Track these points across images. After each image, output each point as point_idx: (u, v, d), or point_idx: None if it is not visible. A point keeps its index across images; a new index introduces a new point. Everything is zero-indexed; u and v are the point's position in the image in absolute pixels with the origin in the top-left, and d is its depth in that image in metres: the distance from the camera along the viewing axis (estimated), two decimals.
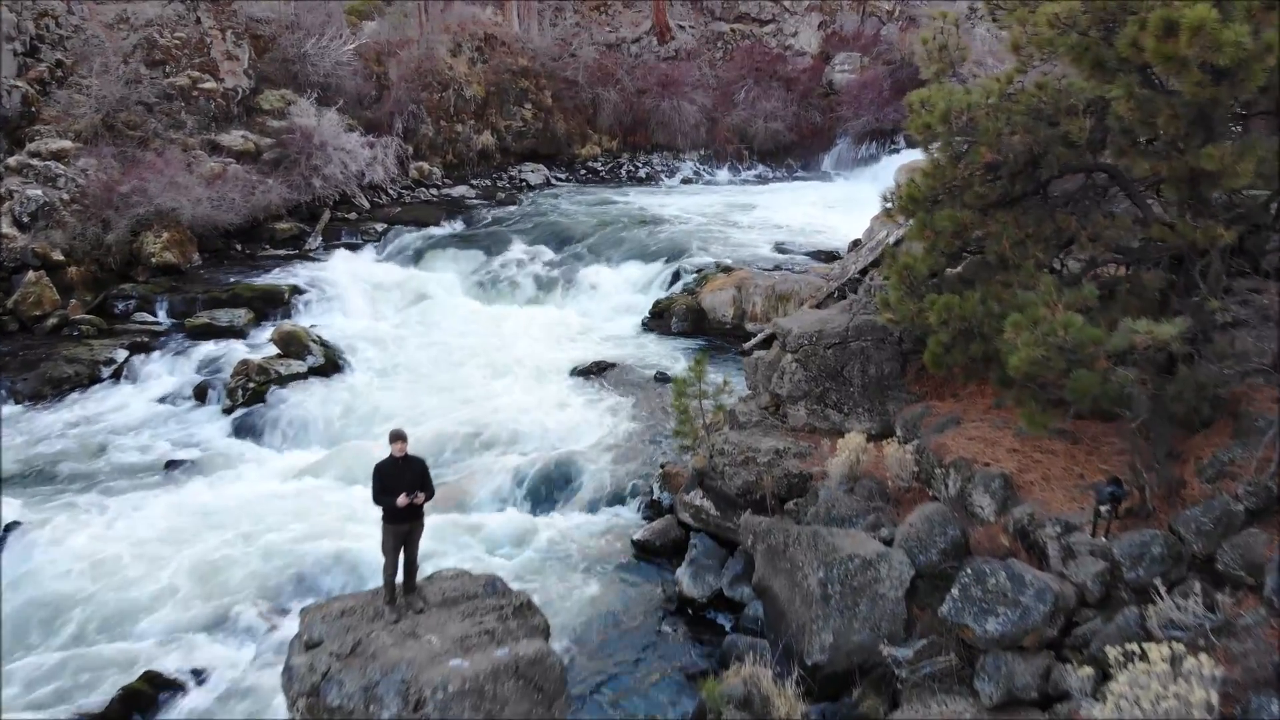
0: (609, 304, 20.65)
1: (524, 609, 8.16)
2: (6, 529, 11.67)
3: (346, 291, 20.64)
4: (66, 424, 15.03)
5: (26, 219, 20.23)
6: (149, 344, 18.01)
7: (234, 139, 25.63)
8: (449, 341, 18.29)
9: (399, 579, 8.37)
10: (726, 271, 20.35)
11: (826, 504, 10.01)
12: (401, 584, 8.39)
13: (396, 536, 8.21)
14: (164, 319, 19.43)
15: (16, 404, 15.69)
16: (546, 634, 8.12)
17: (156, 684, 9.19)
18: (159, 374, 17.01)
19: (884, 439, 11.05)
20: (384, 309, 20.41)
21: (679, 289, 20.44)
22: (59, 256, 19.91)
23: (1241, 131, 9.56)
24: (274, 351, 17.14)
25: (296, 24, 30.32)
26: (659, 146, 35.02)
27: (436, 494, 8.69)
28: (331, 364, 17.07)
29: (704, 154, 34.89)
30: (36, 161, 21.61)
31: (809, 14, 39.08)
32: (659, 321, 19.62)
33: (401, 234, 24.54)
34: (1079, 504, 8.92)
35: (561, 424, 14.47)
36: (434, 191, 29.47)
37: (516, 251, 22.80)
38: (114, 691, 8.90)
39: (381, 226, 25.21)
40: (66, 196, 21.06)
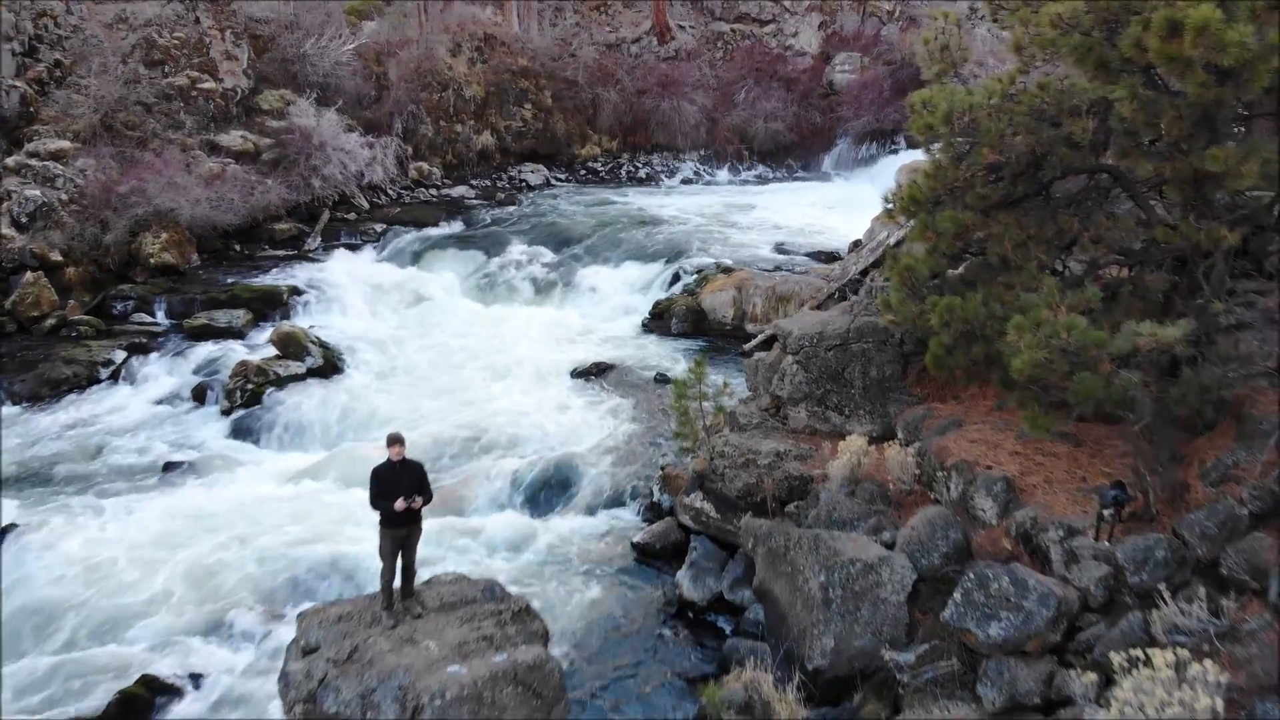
0: (609, 305, 20.59)
1: (523, 614, 8.09)
2: (3, 531, 11.59)
3: (345, 292, 20.58)
4: (64, 425, 14.97)
5: (25, 219, 20.17)
6: (147, 345, 17.96)
7: (233, 139, 25.57)
8: (448, 343, 18.24)
9: (397, 584, 8.31)
10: (727, 272, 20.28)
11: (827, 507, 9.95)
12: (399, 589, 8.33)
13: (394, 541, 8.15)
14: (162, 320, 19.37)
15: (14, 405, 15.64)
16: (545, 639, 8.07)
17: (153, 688, 9.13)
18: (157, 375, 16.94)
19: (885, 441, 10.99)
20: (383, 310, 20.35)
21: (679, 290, 20.37)
22: (57, 257, 19.85)
23: (1244, 133, 9.50)
24: (273, 352, 17.08)
25: (296, 24, 30.25)
26: (659, 147, 34.95)
27: (435, 497, 8.64)
28: (330, 365, 17.01)
29: (704, 154, 34.83)
30: (35, 162, 21.55)
31: (809, 14, 39.02)
32: (659, 322, 19.56)
33: (401, 234, 24.47)
34: (1082, 507, 8.86)
35: (561, 426, 14.40)
36: (433, 192, 29.40)
37: (516, 252, 22.73)
38: (110, 696, 8.84)
39: (381, 227, 25.14)
40: (65, 197, 21.00)
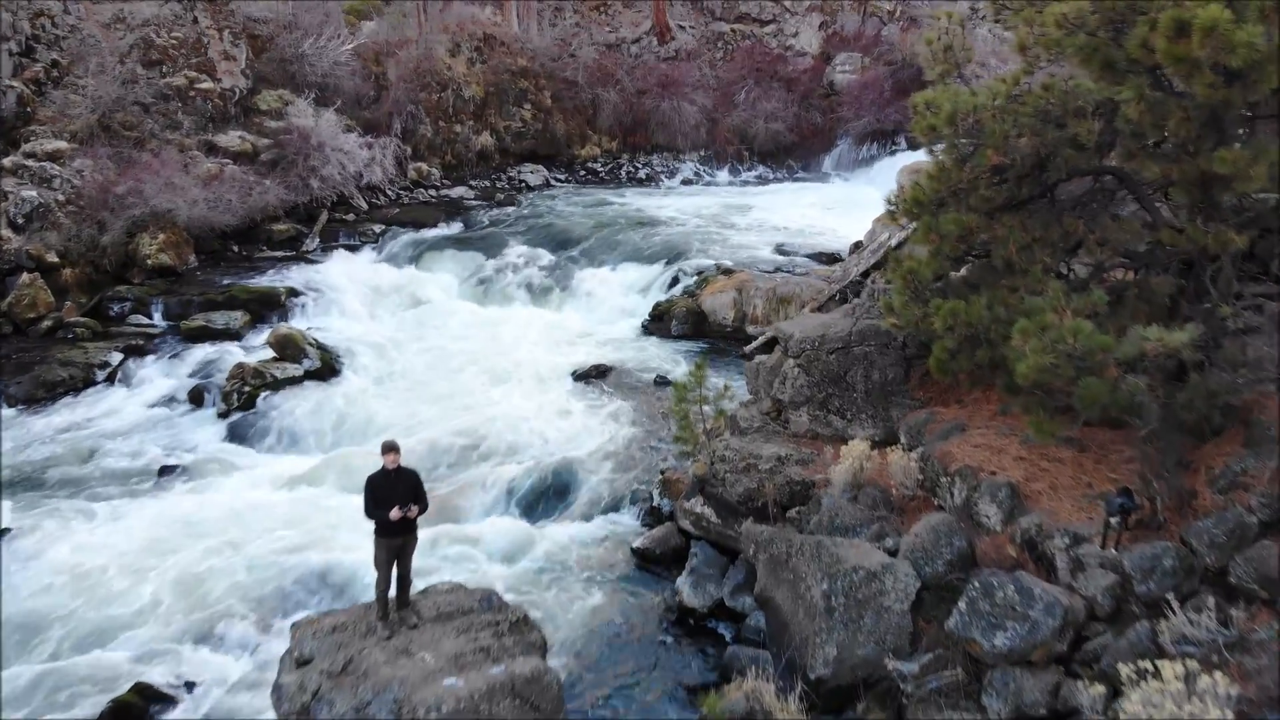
0: (608, 306, 20.47)
1: (520, 624, 7.97)
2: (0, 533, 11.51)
3: (344, 294, 20.48)
4: (58, 428, 14.86)
5: (21, 220, 20.06)
6: (144, 347, 17.87)
7: (231, 139, 25.44)
8: (447, 345, 18.12)
9: (392, 593, 8.19)
10: (727, 274, 20.16)
11: (830, 513, 9.83)
12: (395, 599, 8.21)
13: (389, 550, 8.02)
14: (159, 321, 19.25)
15: (9, 408, 15.54)
16: (544, 650, 7.94)
17: (147, 696, 9.02)
18: (154, 377, 16.84)
19: (888, 446, 10.88)
20: (381, 311, 20.24)
21: (679, 291, 20.24)
22: (54, 258, 19.76)
23: (1248, 135, 9.39)
24: (270, 355, 16.97)
25: (294, 24, 30.12)
26: (659, 147, 34.81)
27: (432, 504, 8.52)
28: (328, 367, 16.89)
29: (704, 155, 34.69)
30: (32, 162, 21.45)
31: (810, 14, 38.90)
32: (659, 324, 19.44)
33: (400, 235, 24.34)
34: (1087, 514, 8.74)
35: (560, 430, 14.28)
36: (432, 192, 29.27)
37: (515, 253, 22.60)
38: (99, 707, 8.72)
39: (379, 228, 25.02)
40: (62, 198, 20.90)
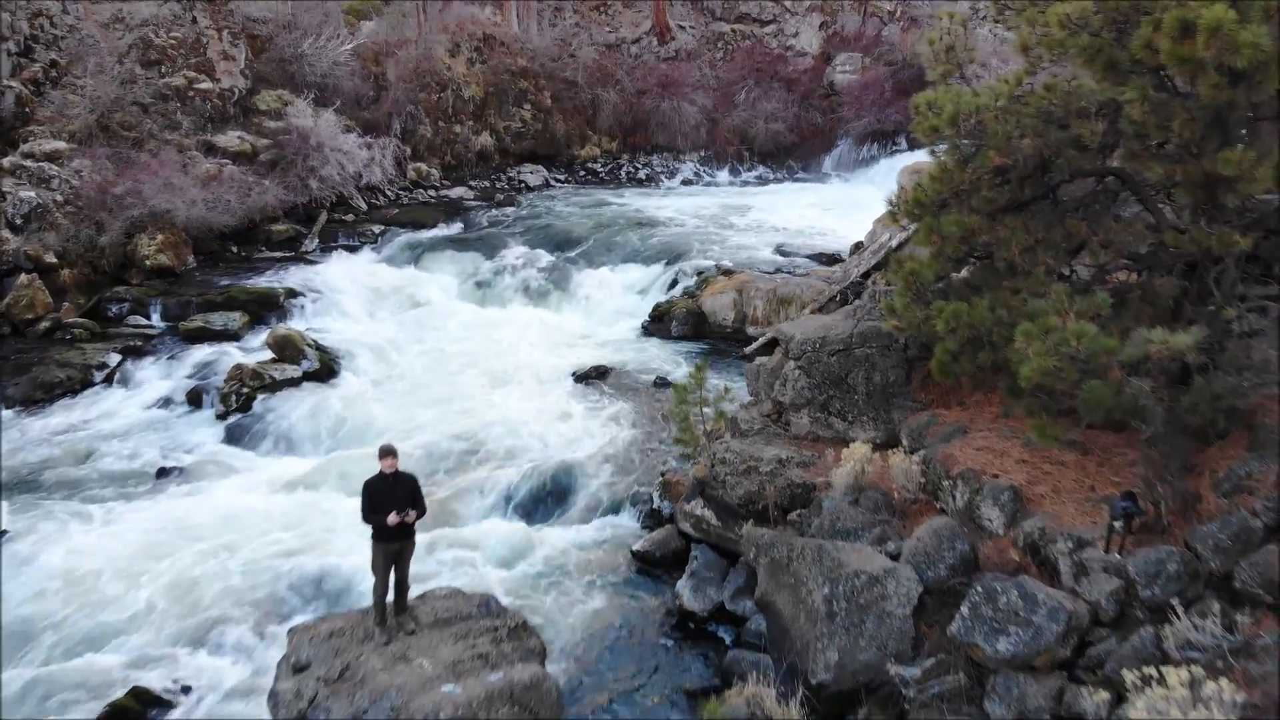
0: (608, 307, 20.40)
1: (519, 630, 7.90)
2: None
3: (343, 294, 20.40)
4: (56, 430, 14.77)
5: (19, 221, 19.99)
6: (142, 348, 17.80)
7: (230, 140, 25.38)
8: (446, 346, 18.05)
9: (389, 599, 8.12)
10: (727, 274, 20.09)
11: (831, 516, 9.77)
12: (392, 604, 8.15)
13: (387, 555, 7.96)
14: (158, 322, 19.17)
15: (7, 409, 15.45)
16: (543, 656, 7.88)
17: (144, 701, 8.96)
18: (152, 379, 16.75)
19: (889, 448, 10.82)
20: (381, 312, 20.17)
21: (679, 292, 20.18)
22: (52, 259, 19.68)
23: (1249, 135, 9.33)
24: (268, 356, 16.90)
25: (294, 24, 30.06)
26: (659, 148, 34.74)
27: (430, 508, 8.46)
28: (327, 369, 16.82)
29: (704, 155, 34.62)
30: (30, 163, 21.38)
31: (810, 14, 38.83)
32: (659, 325, 19.37)
33: (399, 236, 24.26)
34: (1091, 518, 8.68)
35: (559, 432, 14.20)
36: (432, 193, 29.21)
37: (515, 254, 22.53)
38: (98, 711, 8.65)
39: (379, 228, 24.94)
40: (60, 198, 20.83)
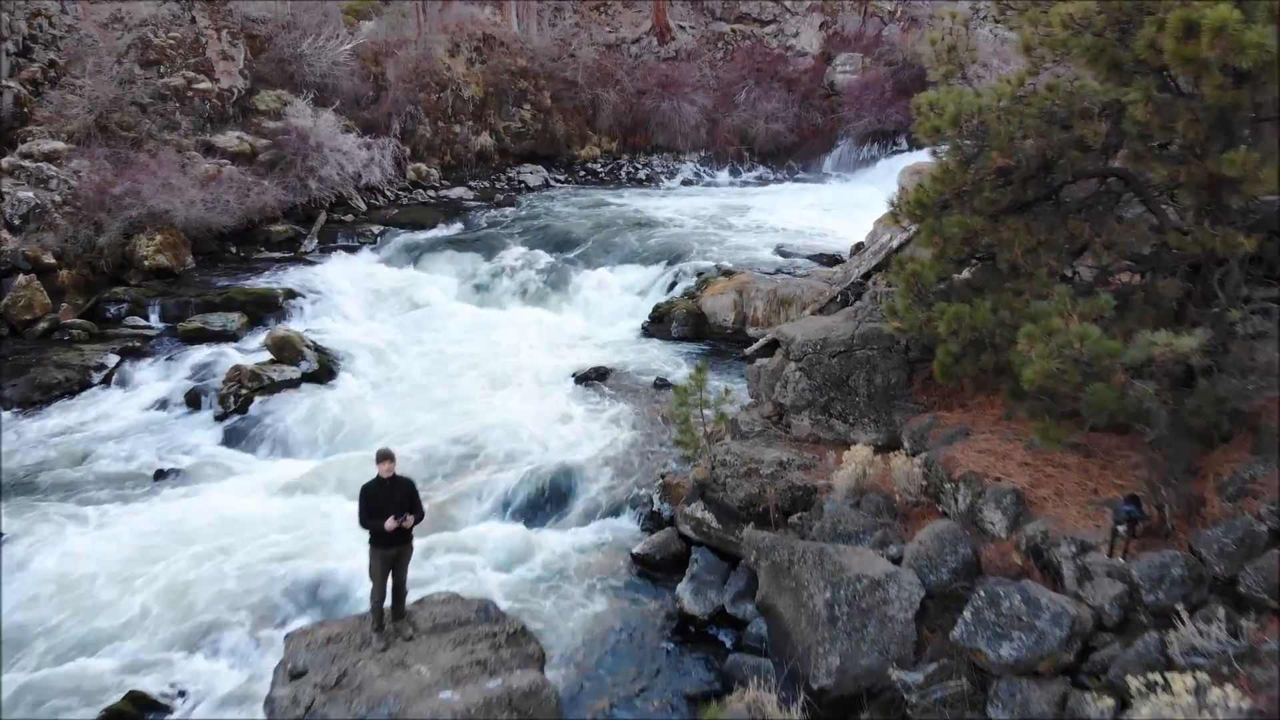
0: (608, 308, 20.34)
1: (518, 636, 7.84)
2: None
3: (342, 295, 20.34)
4: (53, 432, 14.70)
5: (17, 221, 19.94)
6: (141, 349, 17.75)
7: (229, 140, 25.32)
8: (445, 348, 17.98)
9: (387, 604, 8.06)
10: (727, 275, 20.03)
11: (832, 519, 9.71)
12: (390, 610, 8.08)
13: (384, 561, 7.89)
14: (156, 323, 19.12)
15: (5, 410, 15.38)
16: (542, 663, 7.81)
17: (141, 705, 8.90)
18: (150, 380, 16.70)
19: (891, 451, 10.77)
20: (380, 313, 20.11)
21: (679, 293, 20.11)
22: (50, 259, 19.61)
23: (1251, 136, 9.28)
24: (267, 357, 16.84)
25: (293, 24, 30.00)
26: (659, 148, 34.68)
27: (428, 512, 8.40)
28: (325, 370, 16.76)
29: (704, 155, 34.56)
30: (28, 163, 21.31)
31: (810, 14, 38.77)
32: (659, 326, 19.31)
33: (398, 236, 24.21)
34: (1094, 521, 8.62)
35: (559, 435, 14.13)
36: (431, 193, 29.16)
37: (514, 254, 22.47)
38: (96, 714, 8.59)
39: (378, 229, 24.89)
40: (58, 198, 20.77)
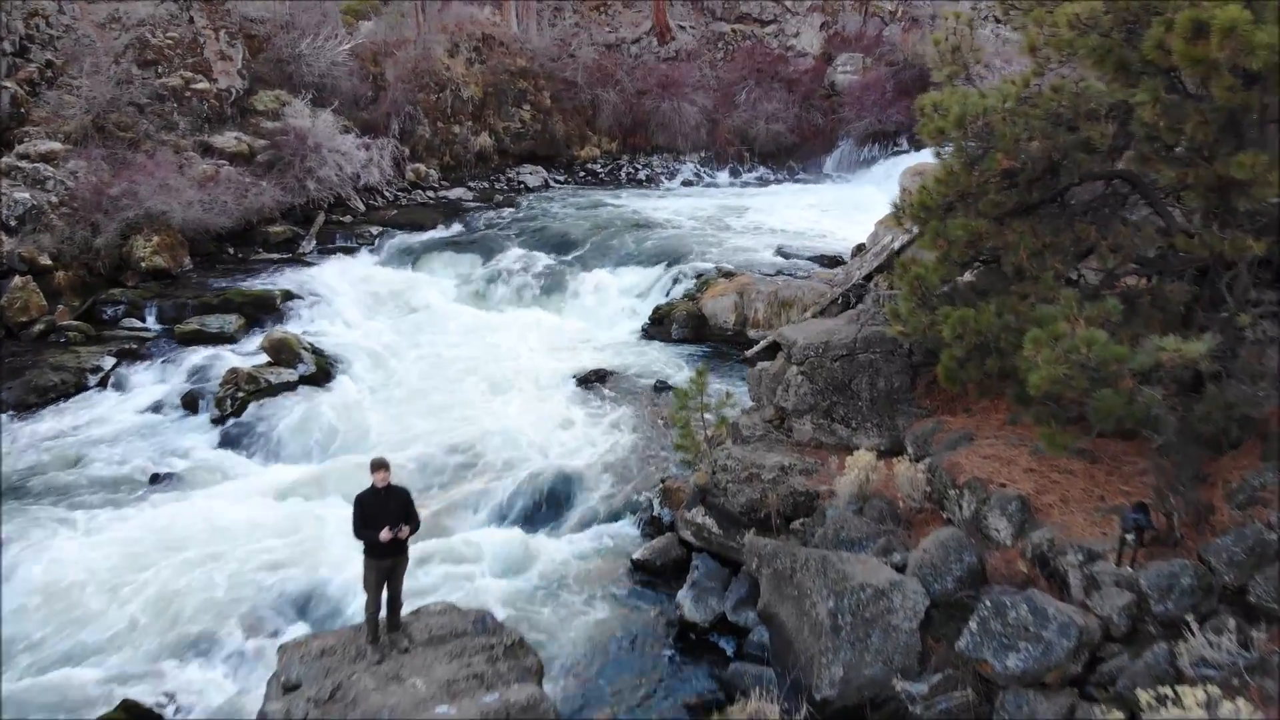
0: (608, 310, 20.22)
1: (515, 648, 7.70)
2: None
3: (340, 297, 20.21)
4: (49, 435, 14.56)
5: (14, 222, 19.80)
6: (137, 351, 17.61)
7: (227, 140, 25.19)
8: (444, 351, 17.84)
9: (382, 616, 7.92)
10: (728, 277, 19.91)
11: (835, 525, 9.59)
12: (385, 621, 7.94)
13: (379, 572, 7.75)
14: (153, 325, 18.99)
15: (2, 413, 15.25)
16: (540, 675, 7.68)
17: (135, 715, 8.76)
18: (146, 382, 16.57)
19: (894, 455, 10.65)
20: (378, 314, 19.98)
21: (679, 294, 19.98)
22: (46, 261, 19.48)
23: (1261, 138, 9.15)
24: (264, 359, 16.70)
25: (291, 24, 29.86)
26: (659, 148, 34.53)
27: (425, 519, 8.28)
28: (323, 372, 16.63)
29: (705, 156, 34.42)
30: (25, 164, 21.17)
31: (810, 14, 38.62)
32: (659, 328, 19.18)
33: (397, 237, 24.10)
34: (1100, 529, 8.49)
35: (559, 439, 14.00)
36: (431, 194, 29.03)
37: (514, 255, 22.35)
38: None
39: (377, 230, 24.76)
40: (55, 199, 20.64)
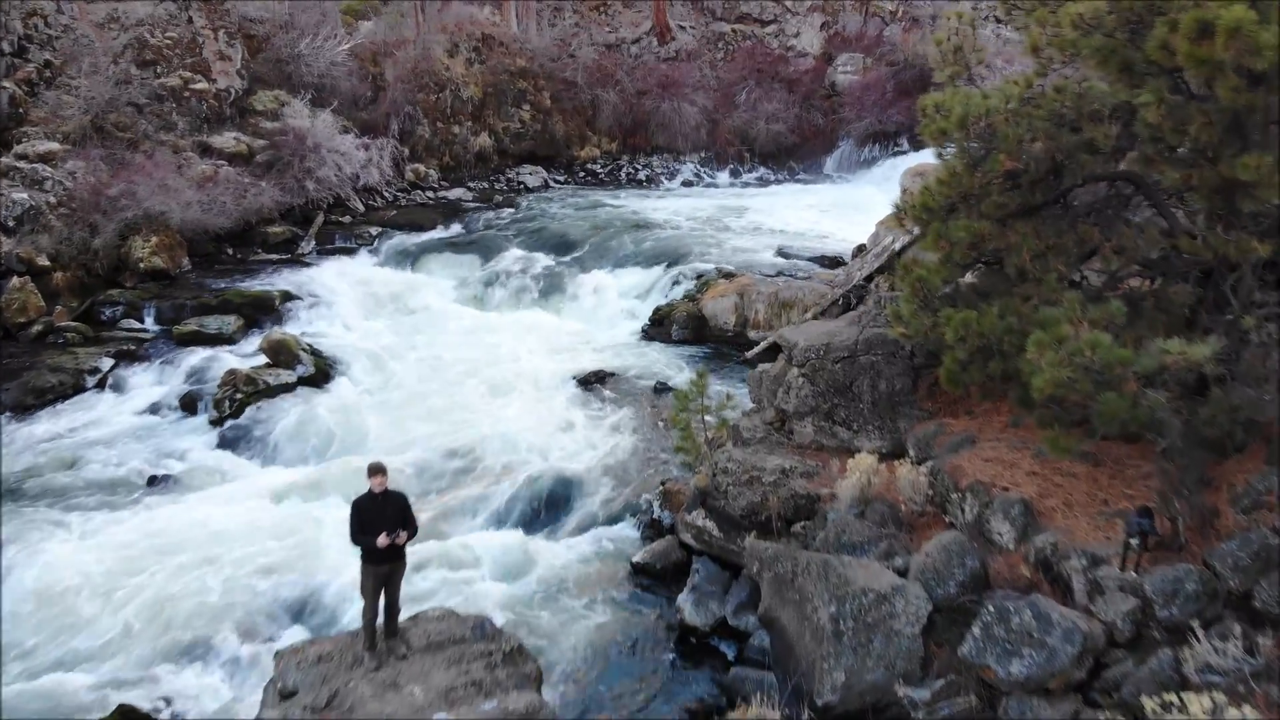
0: (608, 311, 20.15)
1: (514, 655, 7.63)
2: None
3: (339, 297, 20.14)
4: (46, 436, 14.49)
5: (12, 223, 19.72)
6: (135, 352, 17.53)
7: (226, 141, 25.12)
8: (443, 352, 17.76)
9: (380, 622, 7.85)
10: (728, 277, 19.83)
11: (836, 528, 9.52)
12: (383, 627, 7.87)
13: (376, 578, 7.67)
14: (151, 326, 18.92)
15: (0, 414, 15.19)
16: (539, 682, 7.60)
17: (131, 719, 8.70)
18: (144, 384, 16.50)
19: (895, 459, 10.58)
20: (377, 315, 19.90)
21: (679, 295, 19.90)
22: (45, 261, 19.40)
23: (1265, 139, 9.08)
24: (263, 361, 16.63)
25: (291, 24, 29.79)
26: (659, 148, 34.45)
27: (424, 522, 8.20)
28: (322, 374, 16.57)
29: (705, 156, 34.34)
30: (23, 164, 21.10)
31: (811, 14, 38.55)
32: (659, 329, 19.11)
33: (397, 238, 24.03)
34: (1104, 533, 8.43)
35: (558, 441, 13.93)
36: (430, 194, 28.96)
37: (514, 256, 22.28)
38: None
39: (376, 230, 24.69)
40: (53, 200, 20.56)
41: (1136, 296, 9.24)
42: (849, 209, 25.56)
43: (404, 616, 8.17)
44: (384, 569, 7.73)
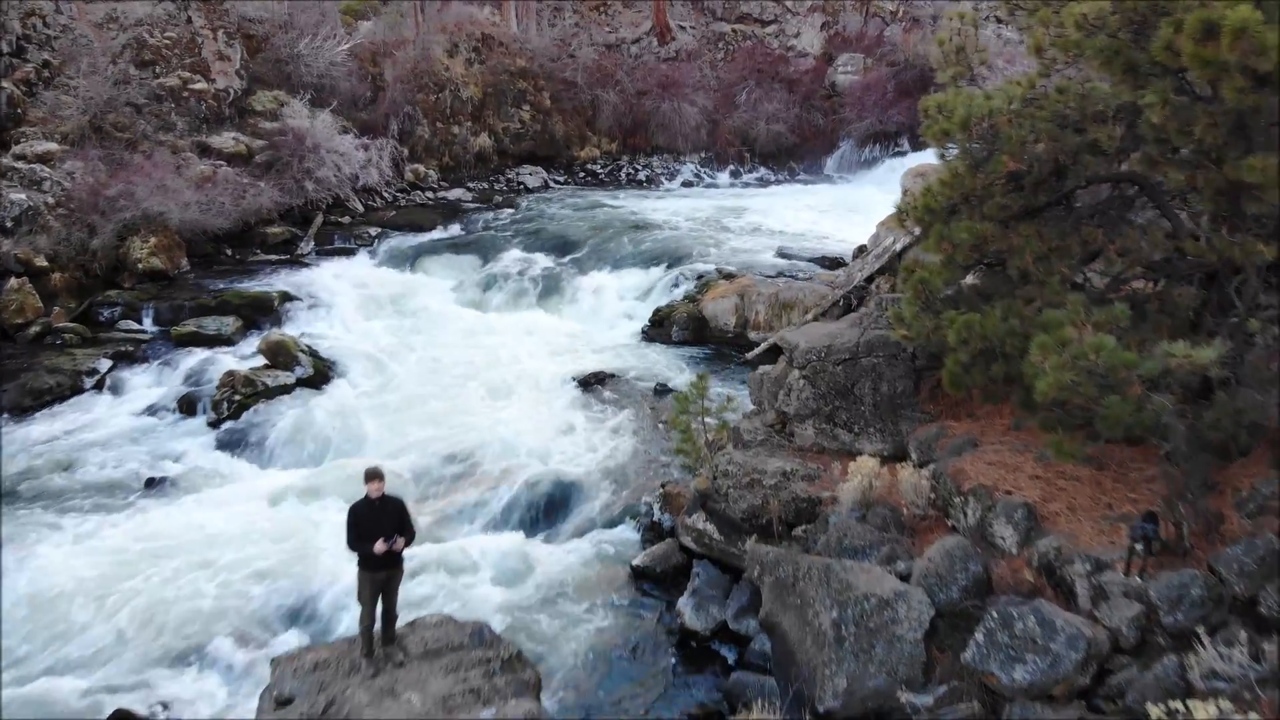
0: (608, 312, 20.08)
1: (513, 662, 7.56)
2: None
3: (338, 298, 20.05)
4: (43, 438, 14.39)
5: (10, 223, 19.64)
6: (134, 353, 17.45)
7: (225, 141, 25.05)
8: (442, 352, 17.70)
9: (377, 629, 7.77)
10: (728, 278, 19.77)
11: (838, 532, 9.45)
12: (380, 634, 7.80)
13: (374, 585, 7.60)
14: (150, 327, 18.83)
15: None
16: (538, 690, 7.53)
17: None
18: (143, 385, 16.43)
19: (897, 461, 10.52)
20: (376, 316, 19.79)
21: (680, 296, 19.84)
22: (43, 262, 19.32)
23: (1269, 140, 9.01)
24: (262, 362, 16.56)
25: (290, 24, 29.74)
26: (659, 149, 34.40)
27: (423, 526, 8.13)
28: (321, 375, 16.49)
29: (705, 156, 34.28)
30: (21, 164, 21.03)
31: (811, 15, 38.50)
32: (659, 330, 19.04)
33: (396, 239, 23.96)
34: (1108, 537, 8.36)
35: (558, 443, 13.85)
36: (430, 194, 28.89)
37: (513, 257, 22.20)
38: None
39: (375, 231, 24.62)
40: (51, 200, 20.48)
41: (1140, 299, 9.19)
42: (849, 210, 25.50)
43: (401, 623, 8.10)
44: (381, 575, 7.66)
